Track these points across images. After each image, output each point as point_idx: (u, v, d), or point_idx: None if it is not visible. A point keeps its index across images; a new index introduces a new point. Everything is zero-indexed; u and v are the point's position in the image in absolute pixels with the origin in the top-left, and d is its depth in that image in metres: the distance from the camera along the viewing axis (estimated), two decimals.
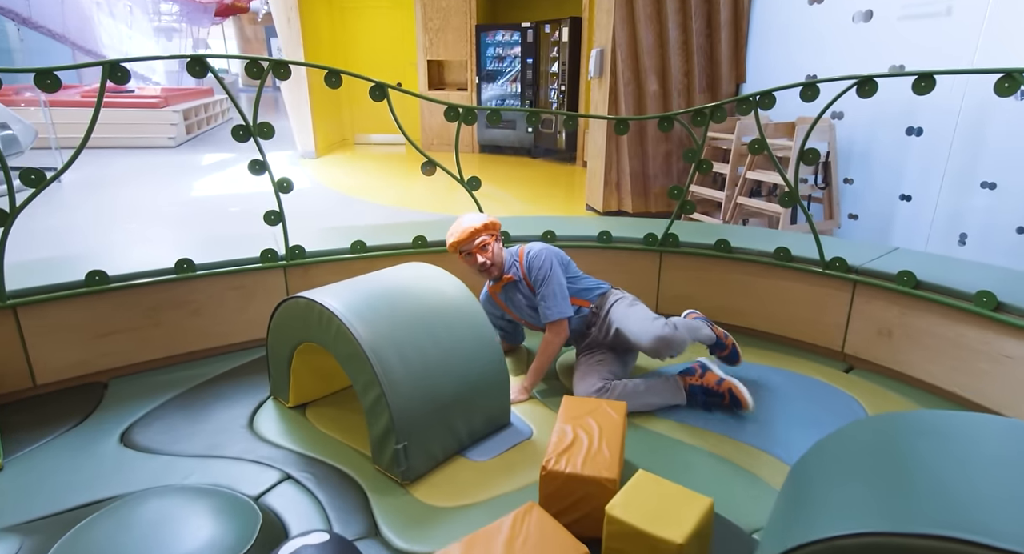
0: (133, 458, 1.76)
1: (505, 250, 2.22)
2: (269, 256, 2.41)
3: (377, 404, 1.62)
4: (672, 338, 1.89)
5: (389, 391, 1.60)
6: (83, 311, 2.10)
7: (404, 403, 1.62)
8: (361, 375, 1.65)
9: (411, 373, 1.65)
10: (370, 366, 1.61)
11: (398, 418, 1.60)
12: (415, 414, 1.64)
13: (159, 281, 2.21)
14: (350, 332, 1.64)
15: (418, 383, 1.66)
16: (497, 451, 1.81)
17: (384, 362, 1.62)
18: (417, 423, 1.65)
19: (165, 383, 2.18)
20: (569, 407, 1.69)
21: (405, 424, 1.61)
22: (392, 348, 1.66)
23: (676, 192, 2.51)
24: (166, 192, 6.04)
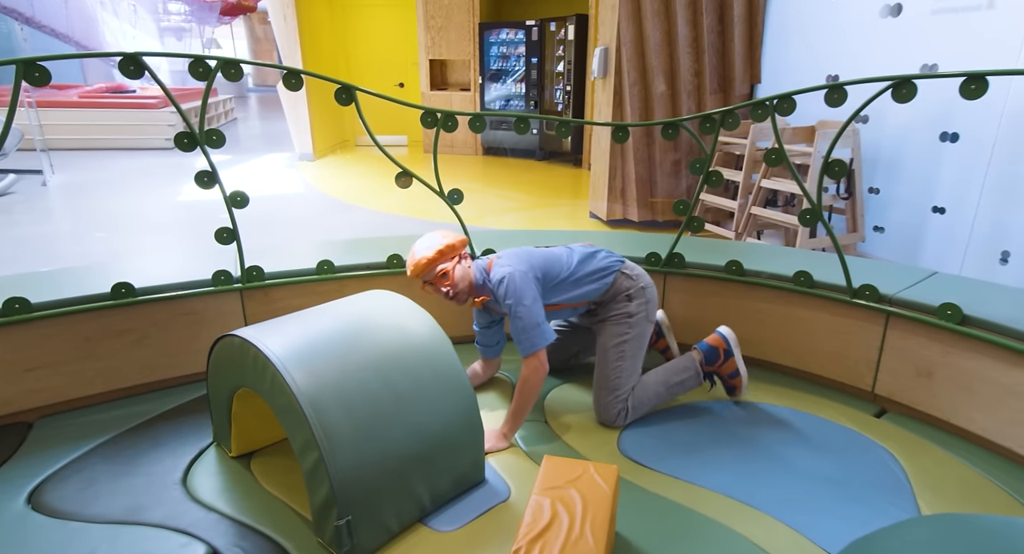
0: (37, 525, 1.50)
1: (475, 264, 1.93)
2: (223, 278, 2.14)
3: (316, 470, 1.35)
4: (613, 425, 1.91)
5: (329, 455, 1.32)
6: (3, 344, 1.85)
7: (348, 469, 1.34)
8: (298, 433, 1.37)
9: (358, 430, 1.38)
10: (307, 423, 1.33)
11: (340, 489, 1.32)
12: (362, 481, 1.37)
13: (92, 309, 1.95)
14: (286, 383, 1.37)
15: (367, 442, 1.38)
16: (466, 518, 1.53)
17: (325, 418, 1.35)
18: (365, 491, 1.37)
19: (97, 424, 1.92)
20: (550, 472, 1.40)
21: (349, 495, 1.34)
22: (336, 400, 1.38)
23: (682, 207, 2.22)
24: (150, 196, 5.82)
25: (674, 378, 1.98)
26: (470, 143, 8.66)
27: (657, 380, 1.95)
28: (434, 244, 1.84)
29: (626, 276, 1.95)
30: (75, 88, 10.50)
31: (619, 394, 1.88)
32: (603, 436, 1.88)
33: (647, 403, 1.93)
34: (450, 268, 1.84)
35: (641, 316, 1.94)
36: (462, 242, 1.88)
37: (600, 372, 1.93)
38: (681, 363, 2.02)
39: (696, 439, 1.86)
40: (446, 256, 1.84)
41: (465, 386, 1.60)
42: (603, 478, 1.37)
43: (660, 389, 1.95)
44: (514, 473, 1.70)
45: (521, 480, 1.67)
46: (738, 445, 1.83)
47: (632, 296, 1.94)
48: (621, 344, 1.91)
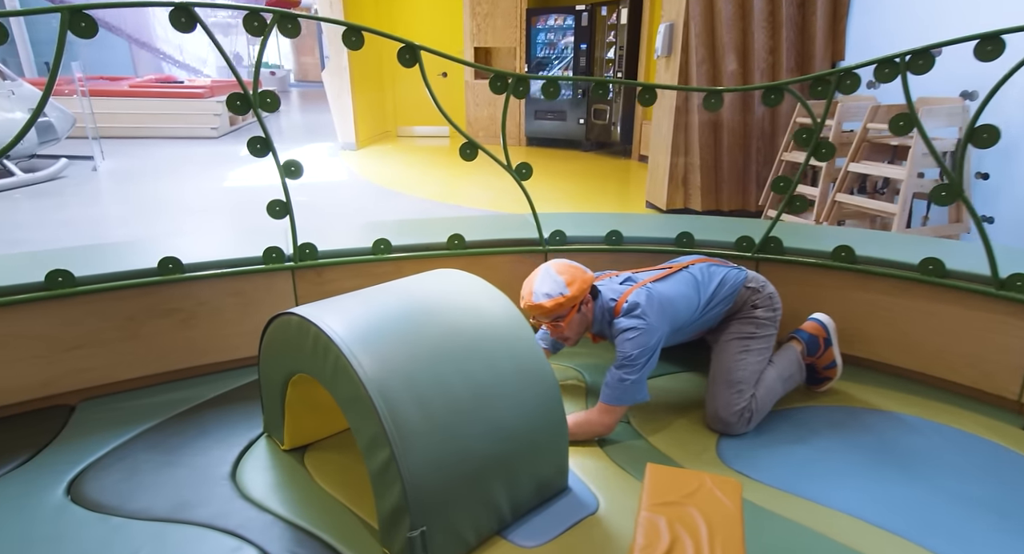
0: (76, 519, 1.35)
1: (599, 303, 1.70)
2: (274, 256, 1.98)
3: (386, 471, 1.15)
4: (732, 429, 1.66)
5: (402, 454, 1.12)
6: (46, 319, 1.72)
7: (423, 470, 1.14)
8: (366, 427, 1.18)
9: (433, 426, 1.18)
10: (376, 416, 1.14)
11: (413, 493, 1.13)
12: (438, 485, 1.16)
13: (137, 284, 1.81)
14: (352, 368, 1.18)
15: (443, 440, 1.18)
16: (552, 533, 1.31)
17: (396, 411, 1.15)
18: (441, 497, 1.17)
19: (141, 409, 1.78)
20: (658, 484, 1.18)
21: (424, 500, 1.14)
22: (408, 390, 1.18)
23: (782, 185, 1.95)
24: (197, 182, 5.80)
25: (785, 373, 1.75)
26: (514, 134, 8.45)
27: (772, 376, 1.71)
28: (558, 288, 1.60)
29: (749, 289, 1.77)
30: (126, 79, 10.68)
31: (742, 389, 1.65)
32: (699, 442, 1.65)
33: (768, 405, 1.69)
34: (569, 316, 1.64)
35: (768, 321, 1.75)
36: (587, 285, 1.64)
37: (719, 365, 1.71)
38: (787, 356, 1.78)
39: (809, 449, 1.61)
40: (565, 307, 1.61)
41: (549, 379, 1.38)
42: (726, 494, 1.13)
43: (777, 386, 1.72)
44: (601, 482, 1.48)
45: (610, 490, 1.45)
46: (861, 457, 1.57)
47: (757, 305, 1.75)
48: (745, 339, 1.71)
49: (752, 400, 1.64)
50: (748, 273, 1.80)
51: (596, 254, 2.22)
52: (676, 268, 1.80)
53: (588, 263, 2.22)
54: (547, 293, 1.60)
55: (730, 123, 3.95)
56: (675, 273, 1.77)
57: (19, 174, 5.27)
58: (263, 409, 1.65)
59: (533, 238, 2.23)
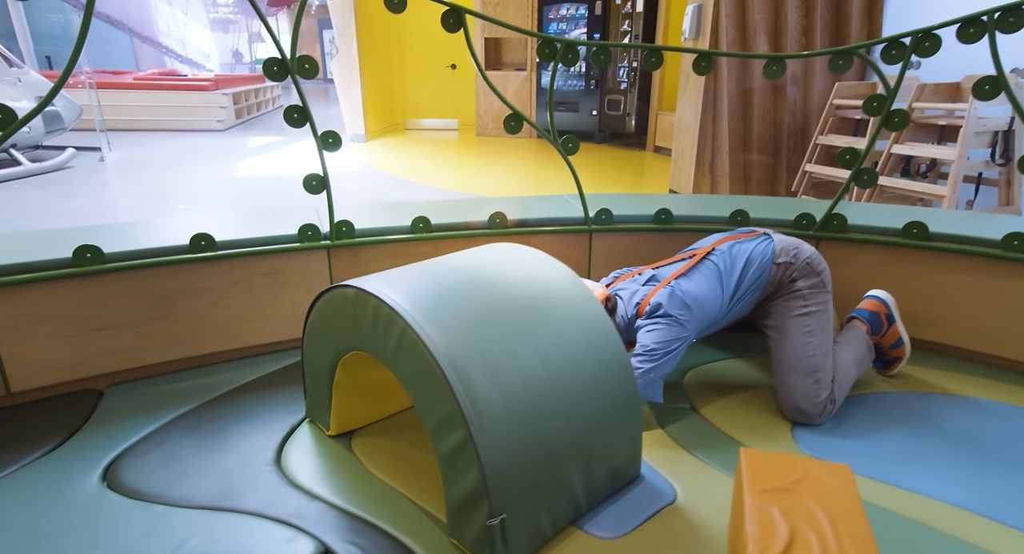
0: (115, 507, 1.24)
1: (621, 308, 1.61)
2: (310, 234, 1.88)
3: (460, 453, 1.05)
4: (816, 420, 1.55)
5: (479, 434, 1.02)
6: (73, 298, 1.62)
7: (502, 453, 1.04)
8: (435, 406, 1.08)
9: (511, 405, 1.08)
10: (450, 394, 1.04)
11: (493, 479, 1.02)
12: (518, 470, 1.06)
13: (169, 262, 1.70)
14: (420, 341, 1.07)
15: (522, 421, 1.08)
16: (631, 524, 1.21)
17: (471, 388, 1.05)
18: (520, 483, 1.07)
19: (174, 394, 1.68)
20: (758, 470, 1.07)
21: (504, 486, 1.04)
22: (482, 367, 1.08)
23: (849, 156, 1.85)
24: (206, 172, 5.69)
25: (858, 356, 1.65)
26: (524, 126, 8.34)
27: (847, 361, 1.61)
28: None
29: (780, 265, 1.60)
30: (129, 74, 10.57)
31: (819, 378, 1.52)
32: (772, 427, 1.55)
33: (846, 391, 1.59)
34: None
35: (814, 288, 1.59)
36: (602, 300, 1.58)
37: (785, 353, 1.57)
38: (854, 337, 1.68)
39: (891, 436, 1.50)
40: None
41: (623, 360, 1.28)
42: (838, 481, 1.03)
43: (852, 371, 1.61)
44: (673, 470, 1.38)
45: (685, 478, 1.35)
46: (948, 444, 1.47)
47: (795, 278, 1.60)
48: (801, 318, 1.57)
49: (834, 388, 1.54)
50: (776, 243, 1.63)
51: (644, 234, 2.11)
52: (700, 254, 1.66)
53: (635, 244, 2.13)
54: None
55: (760, 108, 3.85)
56: (699, 263, 1.64)
57: (26, 163, 5.16)
58: (306, 393, 1.54)
59: (577, 217, 2.13)
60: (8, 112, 1.41)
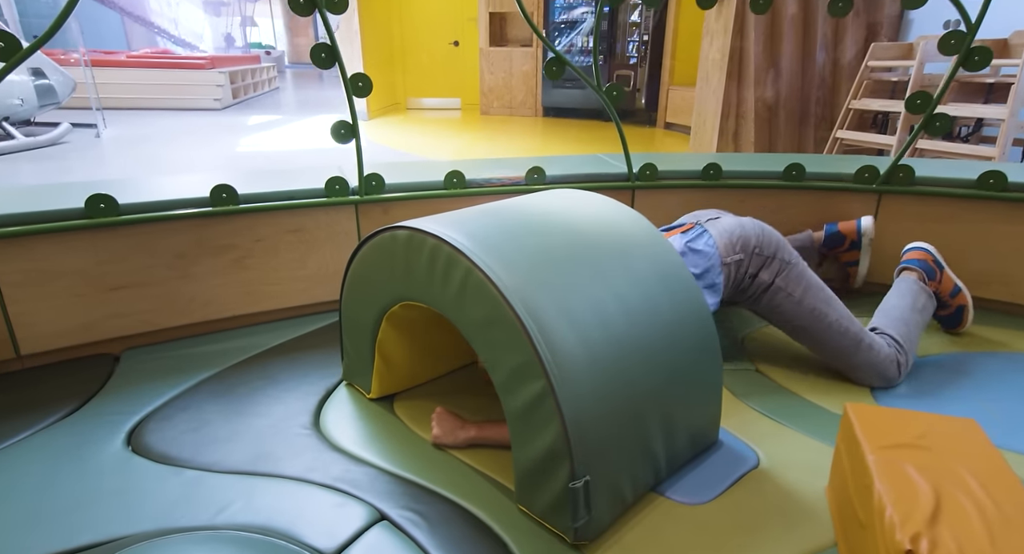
0: (144, 471, 1.13)
1: None
2: (337, 188, 1.74)
3: (536, 407, 0.93)
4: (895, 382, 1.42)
5: (561, 386, 0.90)
6: (85, 253, 1.48)
7: (586, 408, 0.92)
8: (507, 356, 0.96)
9: (594, 356, 0.95)
10: (527, 341, 0.91)
11: (577, 435, 0.90)
12: (602, 426, 0.95)
13: (188, 216, 1.57)
14: (490, 282, 0.95)
15: (605, 373, 0.96)
16: (716, 489, 1.10)
17: (550, 335, 0.92)
18: (604, 442, 0.95)
19: (196, 358, 1.55)
20: (871, 425, 0.96)
21: (587, 444, 0.92)
22: (559, 312, 0.96)
23: (919, 101, 1.72)
24: (207, 148, 5.52)
25: (916, 303, 1.53)
26: (530, 104, 8.16)
27: (904, 308, 1.50)
28: None
29: (729, 265, 1.39)
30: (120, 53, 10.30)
31: (862, 338, 1.38)
32: (846, 387, 1.43)
33: (915, 341, 1.47)
34: None
35: (782, 269, 1.40)
36: None
37: (820, 347, 1.42)
38: (907, 286, 1.57)
39: (983, 400, 1.39)
40: None
41: (704, 311, 1.16)
42: (970, 437, 0.91)
43: (915, 318, 1.50)
44: (752, 434, 1.27)
45: (765, 442, 1.23)
46: None
47: (755, 272, 1.40)
48: (797, 305, 1.39)
49: (892, 343, 1.42)
50: (715, 237, 1.40)
51: (691, 191, 1.99)
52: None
53: (681, 201, 1.99)
54: None
55: (788, 73, 3.70)
56: None
57: (20, 137, 4.98)
58: (343, 353, 1.42)
59: (620, 173, 2.00)
60: (13, 40, 1.27)
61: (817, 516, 1.03)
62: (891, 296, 1.56)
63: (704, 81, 4.03)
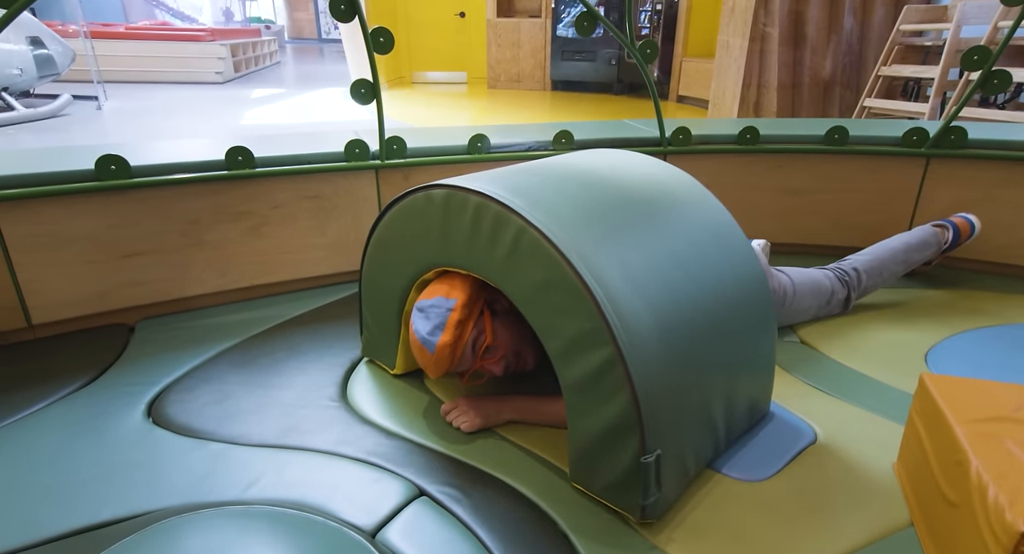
0: (167, 444, 1.06)
1: None
2: (357, 151, 1.65)
3: (601, 377, 0.86)
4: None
5: (631, 354, 0.82)
6: (97, 218, 1.40)
7: (656, 378, 0.85)
8: (567, 322, 0.88)
9: (660, 322, 0.88)
10: (592, 306, 0.84)
11: (648, 407, 0.83)
12: (670, 398, 0.87)
13: (202, 179, 1.49)
14: (547, 242, 0.87)
15: (672, 340, 0.89)
16: (775, 465, 1.03)
17: (616, 299, 0.85)
18: (672, 414, 0.88)
19: (213, 329, 1.49)
20: (954, 397, 0.88)
21: (657, 417, 0.85)
22: (622, 274, 0.88)
23: (976, 57, 1.61)
24: (212, 120, 5.40)
25: (914, 256, 1.58)
26: (538, 77, 7.98)
27: (899, 246, 1.56)
28: (439, 312, 1.05)
29: None
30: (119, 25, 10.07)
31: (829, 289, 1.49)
32: (898, 356, 1.36)
33: (888, 272, 1.55)
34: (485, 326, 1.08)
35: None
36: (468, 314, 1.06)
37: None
38: (924, 236, 1.60)
39: None
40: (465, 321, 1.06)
41: (759, 273, 1.08)
42: None
43: (904, 256, 1.56)
44: (805, 408, 1.20)
45: (821, 417, 1.17)
46: None
47: None
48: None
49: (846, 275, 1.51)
50: None
51: (726, 156, 1.89)
52: None
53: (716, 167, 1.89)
54: (429, 324, 1.05)
55: (814, 39, 3.56)
56: None
57: (20, 108, 4.86)
58: (362, 328, 1.35)
59: (651, 137, 1.90)
60: None
61: (888, 494, 0.96)
62: (899, 239, 1.60)
63: (724, 49, 3.89)
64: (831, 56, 3.64)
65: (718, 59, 4.03)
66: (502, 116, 5.94)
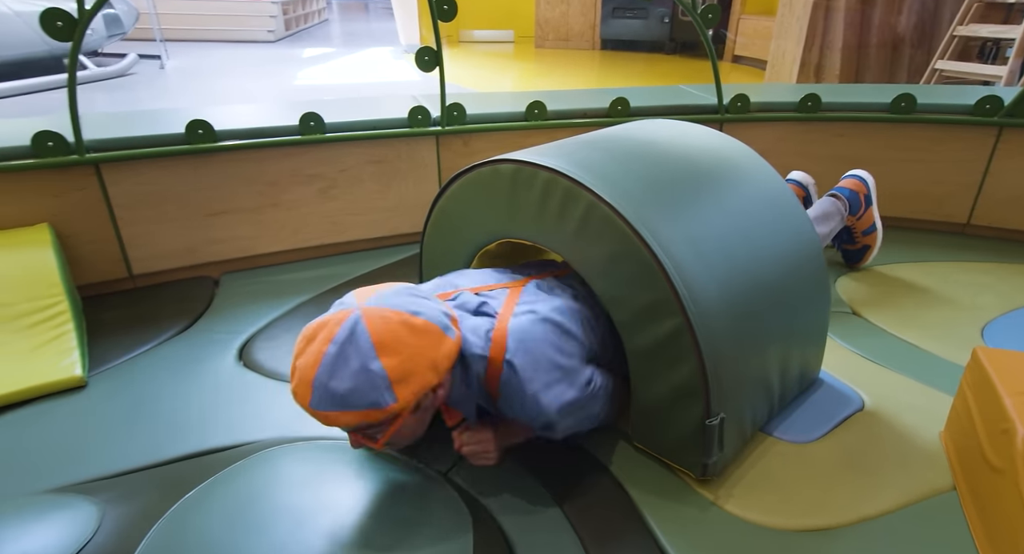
0: (259, 386, 1.19)
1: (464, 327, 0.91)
2: (419, 118, 1.71)
3: (669, 345, 0.91)
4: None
5: (699, 323, 0.88)
6: (186, 178, 1.52)
7: (721, 346, 0.90)
8: (636, 293, 0.93)
9: (724, 291, 0.92)
10: (662, 277, 0.88)
11: (714, 373, 0.89)
12: (733, 364, 0.93)
13: (278, 144, 1.58)
14: (617, 216, 0.92)
15: (735, 308, 0.93)
16: (822, 428, 1.09)
17: (684, 270, 0.89)
18: (734, 380, 0.94)
19: (290, 284, 1.61)
20: (1008, 370, 0.91)
21: (721, 383, 0.90)
22: (689, 246, 0.93)
23: None
24: (267, 80, 5.52)
25: (822, 228, 1.52)
26: (587, 36, 7.77)
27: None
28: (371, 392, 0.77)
29: None
30: None
31: None
32: (954, 330, 1.37)
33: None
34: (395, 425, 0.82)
35: None
36: (436, 371, 0.81)
37: None
38: (825, 207, 1.56)
39: None
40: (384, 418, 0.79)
41: (815, 242, 1.11)
42: None
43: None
44: (854, 376, 1.24)
45: (870, 385, 1.20)
46: None
47: None
48: None
49: None
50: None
51: (787, 124, 1.87)
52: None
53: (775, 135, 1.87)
54: (343, 397, 0.76)
55: None
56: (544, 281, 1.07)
57: (92, 67, 5.08)
58: None
59: (708, 104, 1.89)
60: (69, 18, 1.26)
61: (932, 460, 1.01)
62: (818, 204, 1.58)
63: (787, 7, 3.72)
64: (903, 14, 3.45)
65: (779, 17, 3.87)
66: (552, 78, 5.86)
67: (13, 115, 4.11)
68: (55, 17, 1.28)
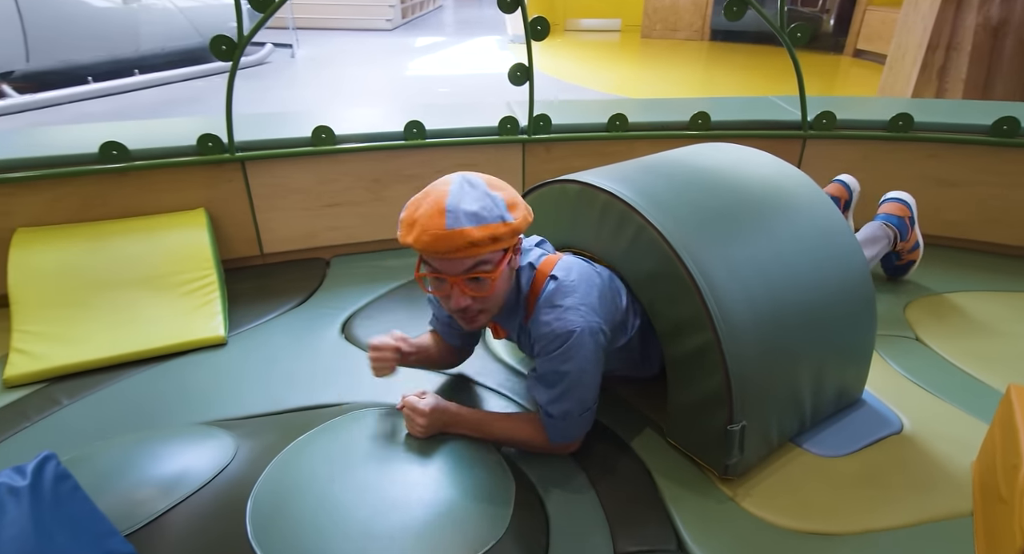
0: (358, 357, 1.43)
1: (524, 259, 1.09)
2: (509, 127, 1.88)
3: (700, 357, 1.03)
4: None
5: (727, 339, 0.99)
6: (310, 174, 1.80)
7: (748, 359, 1.01)
8: (674, 308, 1.06)
9: (756, 311, 1.03)
10: (697, 297, 1.00)
11: (738, 386, 1.00)
12: (760, 379, 1.03)
13: (385, 147, 1.82)
14: (663, 240, 1.04)
15: (766, 328, 1.03)
16: (853, 445, 1.15)
17: (718, 291, 1.01)
18: (760, 392, 1.04)
19: (387, 270, 1.85)
20: None
21: (746, 394, 1.01)
22: (725, 269, 1.03)
23: None
24: (381, 70, 5.94)
25: (869, 251, 1.54)
26: (696, 26, 7.55)
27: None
28: (495, 209, 0.94)
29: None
30: None
31: None
32: (1016, 364, 1.36)
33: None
34: (500, 266, 0.97)
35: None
36: (529, 217, 1.01)
37: None
38: (874, 231, 1.58)
39: None
40: (503, 241, 0.94)
41: (863, 270, 1.17)
42: None
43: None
44: (899, 400, 1.27)
45: (913, 411, 1.24)
46: None
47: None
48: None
49: None
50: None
51: (872, 143, 1.85)
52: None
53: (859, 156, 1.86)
54: (476, 213, 0.91)
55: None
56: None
57: None
58: None
59: (792, 120, 1.91)
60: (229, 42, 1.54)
61: (957, 487, 1.05)
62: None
63: (912, 6, 3.49)
64: None
65: (903, 14, 3.63)
66: (653, 73, 5.81)
67: (177, 98, 4.77)
68: (221, 42, 1.57)
